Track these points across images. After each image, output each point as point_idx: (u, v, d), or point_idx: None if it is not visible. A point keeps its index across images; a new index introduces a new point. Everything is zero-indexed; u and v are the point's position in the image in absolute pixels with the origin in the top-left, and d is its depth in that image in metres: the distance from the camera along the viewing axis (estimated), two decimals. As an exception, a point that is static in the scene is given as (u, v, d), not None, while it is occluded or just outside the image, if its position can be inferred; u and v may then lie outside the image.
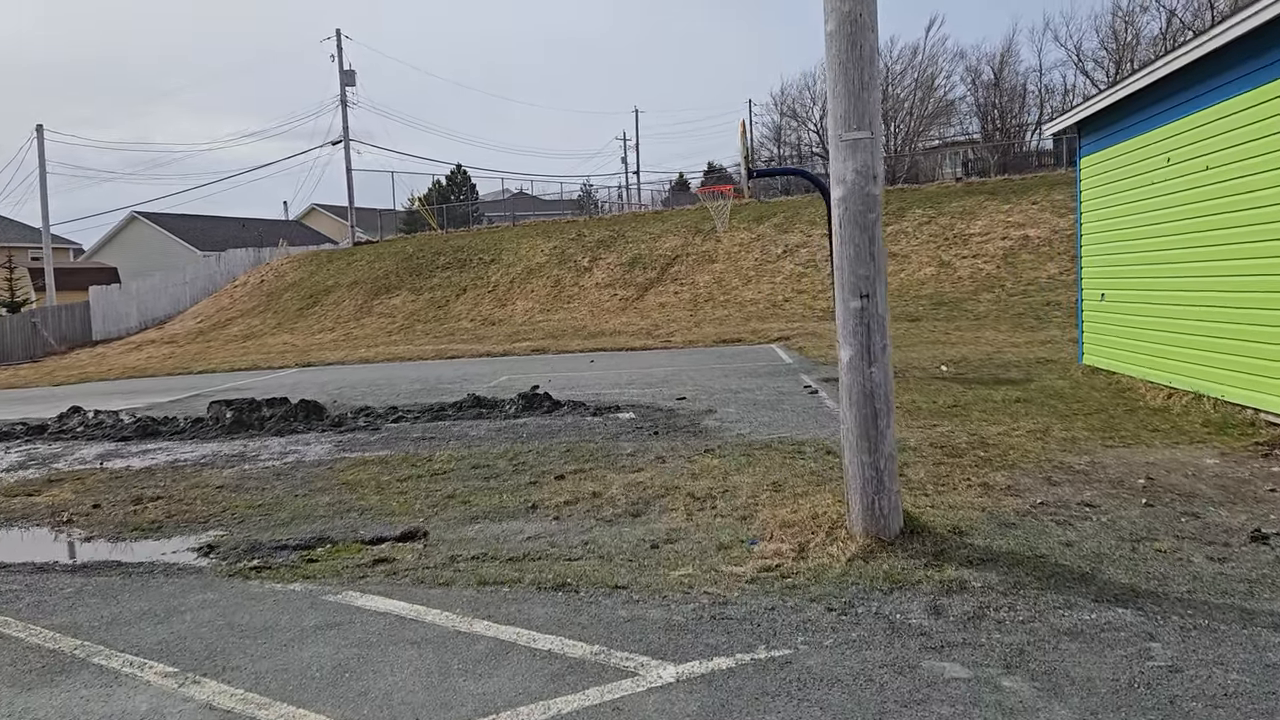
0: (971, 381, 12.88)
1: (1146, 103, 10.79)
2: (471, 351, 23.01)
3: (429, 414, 12.32)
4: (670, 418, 11.20)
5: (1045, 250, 27.47)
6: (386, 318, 34.25)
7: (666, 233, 35.77)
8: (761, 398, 12.48)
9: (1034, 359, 15.02)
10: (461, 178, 73.74)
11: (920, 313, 23.61)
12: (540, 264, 35.82)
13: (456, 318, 32.71)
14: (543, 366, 19.05)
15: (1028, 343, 17.13)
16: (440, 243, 40.86)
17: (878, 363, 5.86)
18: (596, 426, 10.87)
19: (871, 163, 5.73)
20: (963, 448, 8.31)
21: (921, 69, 62.51)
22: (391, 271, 38.64)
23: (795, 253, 31.58)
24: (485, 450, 9.78)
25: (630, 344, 22.22)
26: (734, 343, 21.42)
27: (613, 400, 13.01)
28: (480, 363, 20.91)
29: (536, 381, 16.04)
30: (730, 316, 26.52)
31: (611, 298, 31.79)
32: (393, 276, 38.15)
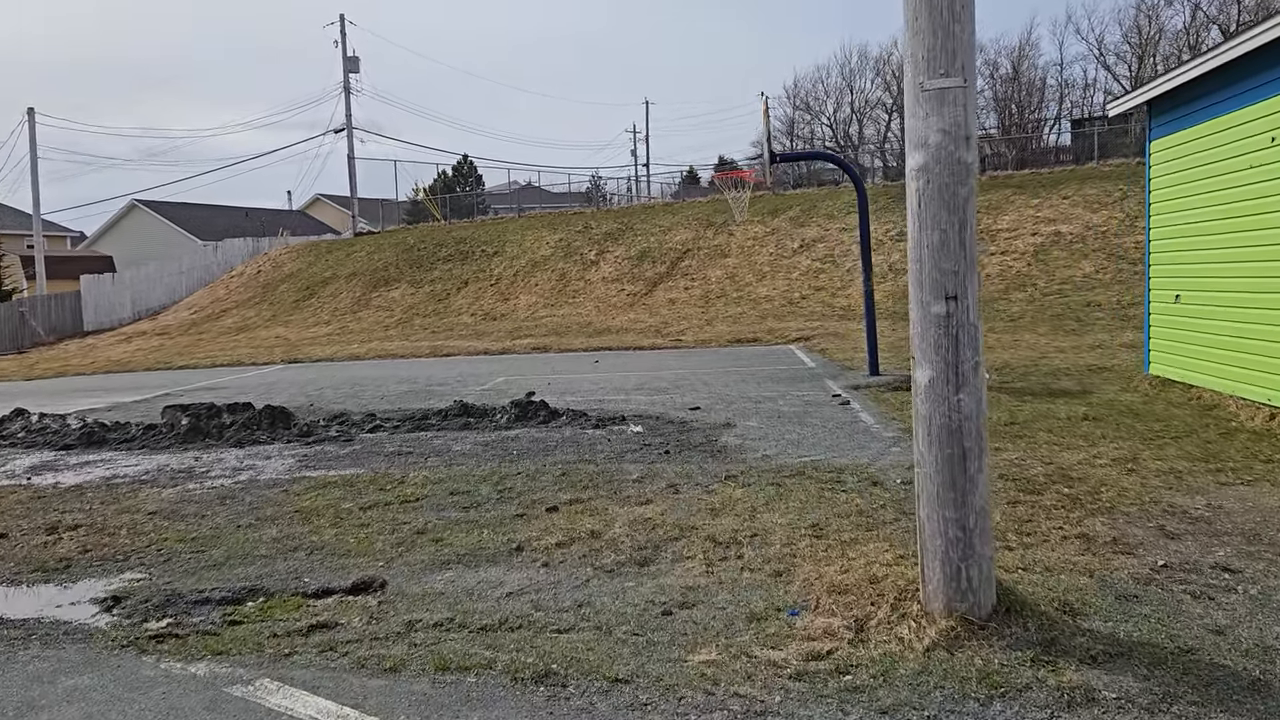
0: (1023, 393, 11.43)
1: (1240, 75, 9.32)
2: (469, 349, 21.62)
3: (410, 423, 10.92)
4: (683, 433, 9.78)
5: (1079, 247, 25.96)
6: (384, 311, 32.89)
7: (677, 225, 34.33)
8: (786, 409, 11.05)
9: (1085, 366, 13.56)
10: (468, 168, 72.47)
11: (948, 312, 22.18)
12: (545, 257, 34.41)
13: (457, 312, 31.32)
14: (543, 367, 17.64)
15: (1074, 348, 15.66)
16: (442, 234, 39.49)
17: (967, 387, 4.44)
18: (598, 442, 9.46)
19: (964, 119, 4.31)
20: (1040, 481, 6.87)
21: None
22: (391, 263, 37.28)
23: (812, 247, 30.11)
24: (468, 471, 8.38)
25: (638, 343, 20.81)
26: (749, 343, 19.98)
27: (617, 409, 11.61)
28: (477, 361, 19.52)
29: (535, 384, 14.65)
30: (744, 314, 25.08)
31: (619, 293, 30.37)
32: (392, 268, 36.78)
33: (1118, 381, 11.86)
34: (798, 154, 14.23)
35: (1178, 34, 54.34)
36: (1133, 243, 25.44)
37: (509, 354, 20.64)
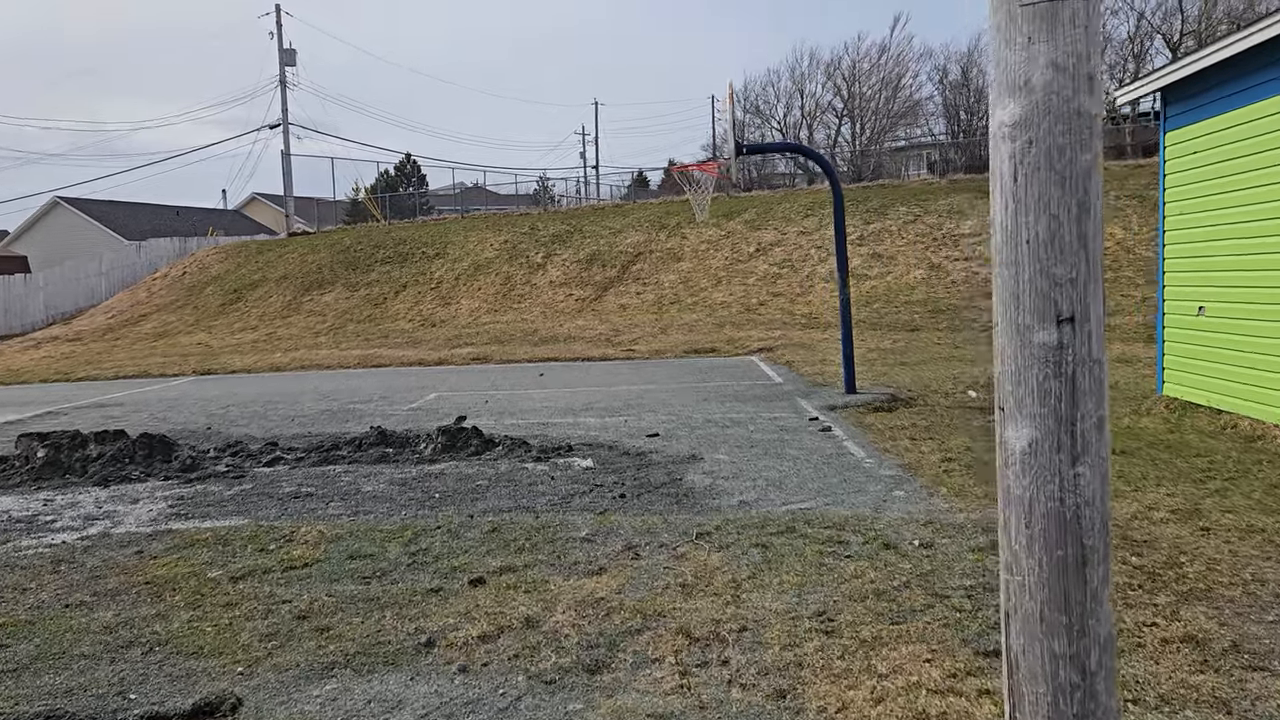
0: (1023, 416, 10.08)
1: (1273, 58, 8.06)
2: (402, 359, 19.85)
3: (316, 454, 9.23)
4: (641, 468, 8.24)
5: (1045, 253, 24.92)
6: (316, 316, 30.87)
7: (628, 228, 32.81)
8: (758, 436, 9.56)
9: (1081, 383, 12.29)
10: (411, 168, 70.39)
11: (917, 321, 20.90)
12: (489, 259, 32.66)
13: (394, 317, 29.45)
14: (482, 381, 15.99)
15: (1061, 361, 14.43)
16: (381, 235, 37.51)
17: (1089, 455, 2.93)
18: (540, 481, 7.87)
19: (1084, 49, 2.82)
20: (1097, 545, 5.45)
21: (888, 68, 60.58)
22: (325, 265, 35.22)
23: (769, 251, 28.79)
24: (376, 523, 6.75)
25: (587, 352, 19.23)
26: (708, 353, 18.51)
27: (564, 435, 10.03)
28: (410, 374, 17.79)
29: (472, 401, 13.01)
30: (700, 322, 23.64)
31: (567, 298, 28.76)
32: (326, 270, 34.73)
33: (1126, 403, 10.56)
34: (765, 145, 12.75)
35: (1122, 43, 54.52)
36: (1101, 249, 24.48)
37: (446, 365, 18.92)
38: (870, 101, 61.05)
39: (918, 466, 7.72)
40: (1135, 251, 23.82)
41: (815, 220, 29.99)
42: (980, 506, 6.32)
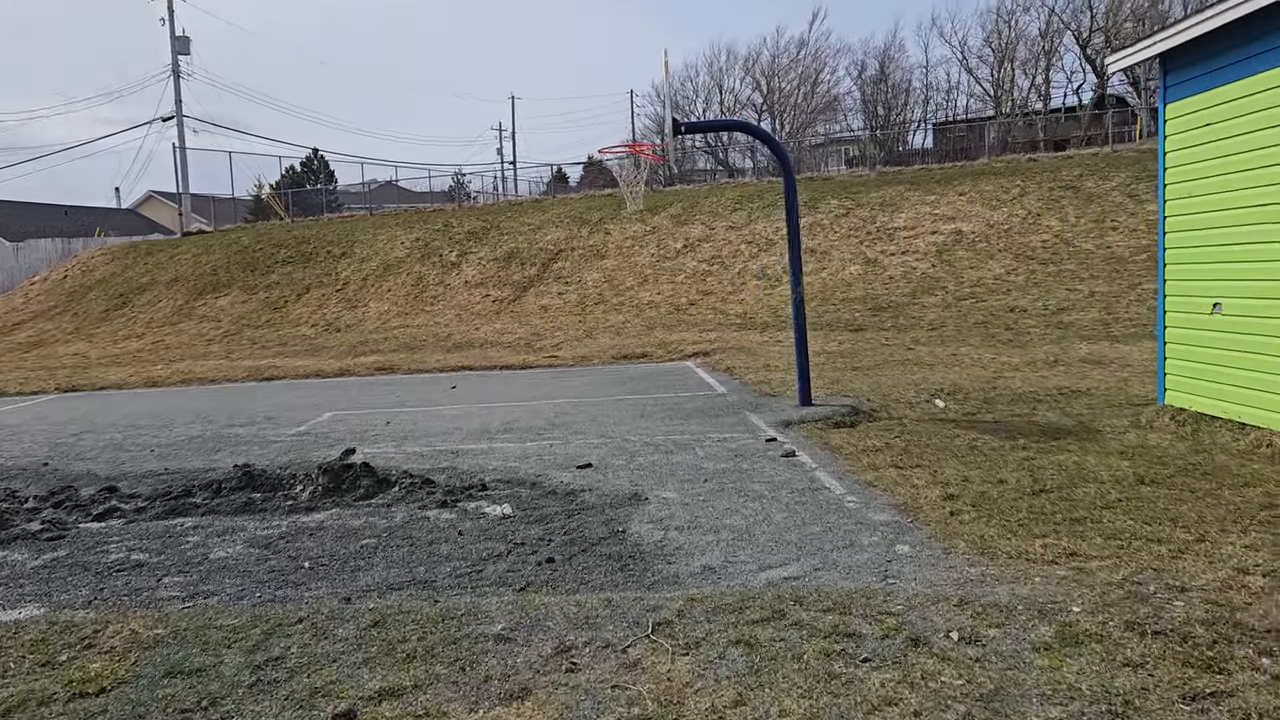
0: (1008, 431, 8.74)
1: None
2: (299, 370, 17.82)
3: (164, 502, 7.37)
4: (573, 515, 6.60)
5: (982, 246, 24.03)
6: (210, 322, 28.43)
7: (548, 224, 31.07)
8: (711, 464, 8.01)
9: (1057, 390, 11.05)
10: (319, 164, 67.42)
11: (860, 320, 19.64)
12: (400, 259, 30.59)
13: (295, 322, 27.21)
14: (386, 395, 14.15)
15: (1027, 364, 13.20)
16: (282, 234, 35.05)
17: None
18: (444, 538, 6.19)
19: None
20: (1202, 638, 4.00)
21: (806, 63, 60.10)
22: (221, 266, 32.67)
23: (697, 248, 27.37)
24: (216, 614, 4.98)
25: (506, 360, 17.48)
26: (638, 359, 16.94)
27: (477, 467, 8.34)
28: (305, 388, 15.82)
29: (373, 421, 11.22)
30: (628, 323, 22.06)
31: (483, 299, 26.90)
32: (222, 272, 32.20)
33: (1121, 414, 9.31)
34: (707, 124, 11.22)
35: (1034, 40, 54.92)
36: (1039, 241, 23.71)
37: (347, 376, 16.97)
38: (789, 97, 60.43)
39: (916, 507, 6.25)
40: (1075, 244, 23.02)
41: (744, 214, 28.69)
42: (1018, 570, 4.87)
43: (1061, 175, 27.44)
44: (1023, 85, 56.50)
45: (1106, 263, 21.67)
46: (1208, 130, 8.24)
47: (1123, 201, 24.91)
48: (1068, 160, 29.74)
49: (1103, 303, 18.28)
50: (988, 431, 8.86)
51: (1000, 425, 9.18)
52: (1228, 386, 8.01)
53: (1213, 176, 8.19)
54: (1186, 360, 8.64)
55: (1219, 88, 8.06)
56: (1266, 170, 7.50)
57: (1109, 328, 16.32)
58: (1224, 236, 8.04)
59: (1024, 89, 56.70)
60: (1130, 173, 26.54)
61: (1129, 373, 11.95)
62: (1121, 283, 19.89)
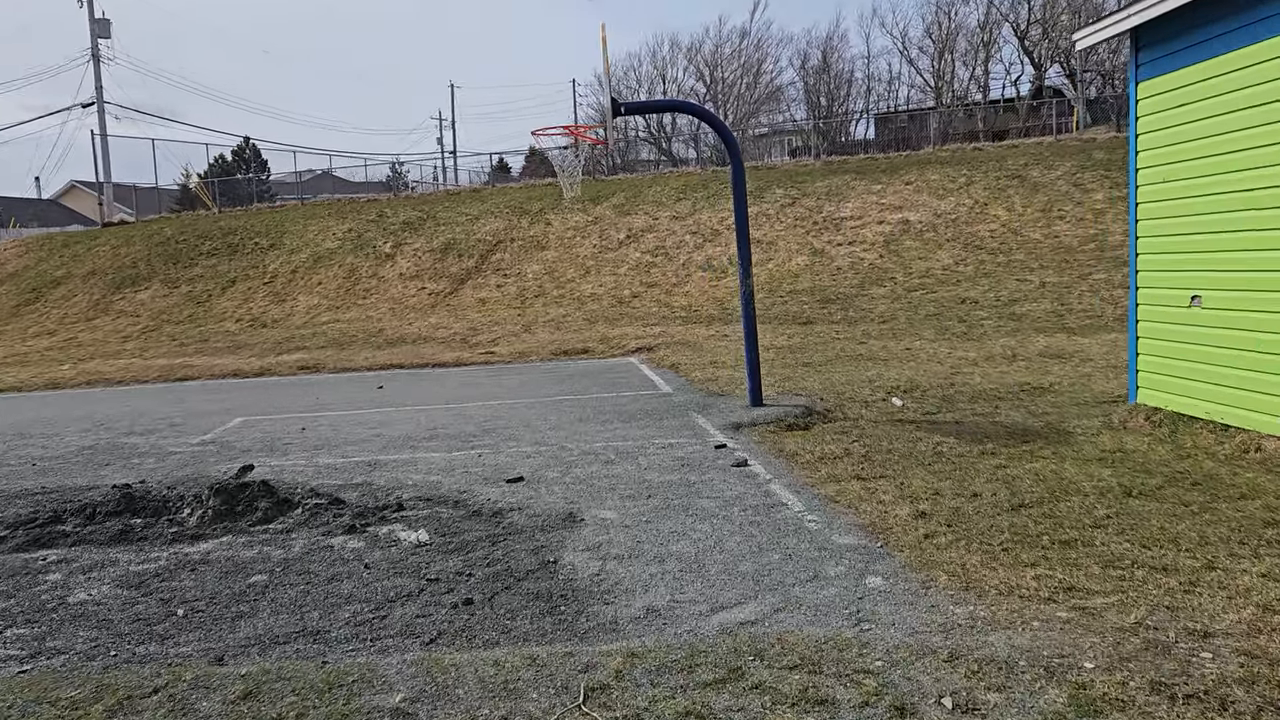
0: (973, 434, 8.12)
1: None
2: (217, 369, 16.69)
3: (27, 531, 6.40)
4: (498, 542, 5.80)
5: (930, 236, 23.62)
6: (128, 318, 26.97)
7: (486, 214, 30.07)
8: (655, 476, 7.25)
9: (1019, 387, 10.50)
10: (250, 153, 65.35)
11: (808, 312, 19.04)
12: (331, 250, 29.36)
13: (219, 317, 25.89)
14: (305, 397, 13.17)
15: (985, 359, 12.65)
16: (208, 224, 33.53)
17: None
18: (346, 573, 5.35)
19: None
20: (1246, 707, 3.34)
21: (749, 53, 59.86)
22: (142, 259, 31.10)
23: (641, 238, 26.61)
24: (51, 685, 4.09)
25: (439, 356, 16.54)
26: (579, 354, 16.13)
27: (395, 482, 7.48)
28: (220, 390, 14.75)
29: (288, 427, 10.27)
30: (569, 317, 21.22)
31: (419, 292, 25.85)
32: (143, 265, 30.65)
33: (1090, 414, 8.76)
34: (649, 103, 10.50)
35: (973, 31, 55.23)
36: (986, 231, 23.36)
37: (267, 376, 15.91)
38: (733, 87, 60.21)
39: (885, 528, 5.56)
40: (1023, 233, 22.71)
41: (688, 204, 27.99)
42: (1012, 611, 4.18)
43: (1007, 164, 27.17)
44: (963, 76, 56.82)
45: (1055, 253, 21.37)
46: (1184, 110, 7.67)
47: (1069, 190, 24.68)
48: (1013, 149, 29.53)
49: (1054, 293, 17.91)
50: (951, 434, 8.24)
51: (964, 427, 8.56)
52: (1207, 385, 7.47)
53: (1190, 160, 7.64)
54: (1161, 357, 8.09)
55: (1196, 64, 7.50)
56: (1250, 153, 6.95)
57: (1063, 319, 15.91)
58: (1203, 224, 7.48)
59: (964, 80, 57.05)
60: (1075, 162, 26.35)
61: (1091, 368, 11.45)
62: (1071, 273, 19.56)
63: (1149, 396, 8.28)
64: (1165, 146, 7.93)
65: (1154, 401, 8.18)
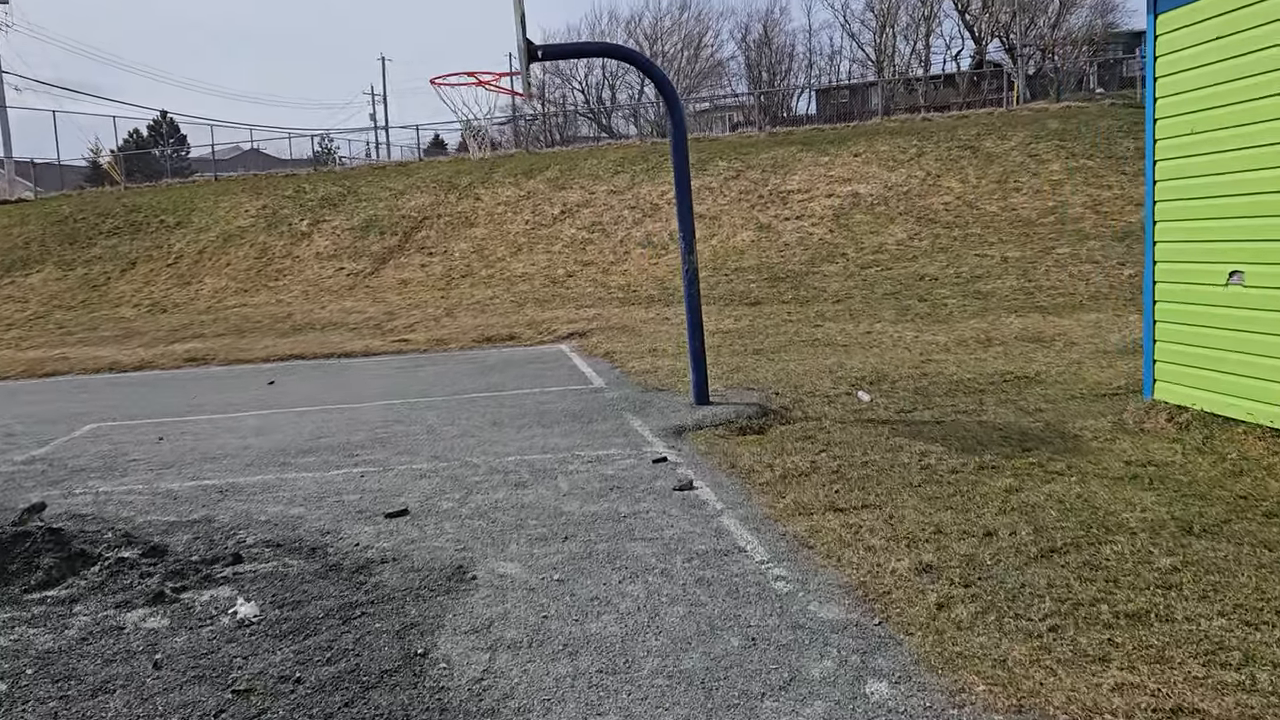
0: (962, 438, 6.72)
1: None
2: (92, 362, 14.71)
3: None
4: (352, 619, 4.21)
5: (882, 210, 22.32)
6: (15, 304, 24.60)
7: (412, 188, 28.14)
8: (576, 508, 5.70)
9: (1002, 377, 9.15)
10: (168, 128, 62.16)
11: (756, 292, 17.59)
12: (242, 228, 27.21)
13: (115, 302, 23.69)
14: (180, 398, 11.39)
15: (957, 344, 11.30)
16: (110, 202, 31.04)
17: None
18: (120, 681, 3.71)
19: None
20: None
21: (689, 26, 58.52)
22: (35, 239, 28.62)
23: (576, 213, 24.95)
24: None
25: (347, 345, 14.78)
26: (504, 342, 14.50)
27: (243, 518, 5.83)
28: (86, 388, 12.87)
29: (144, 435, 8.51)
30: (497, 299, 19.52)
31: (336, 273, 23.91)
32: (35, 246, 28.19)
33: (1094, 411, 7.42)
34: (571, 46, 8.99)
35: (914, 5, 54.46)
36: (940, 204, 22.14)
37: (148, 369, 14.01)
38: (673, 61, 58.88)
39: (881, 591, 4.09)
40: (979, 206, 21.52)
41: (626, 178, 26.38)
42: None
43: (958, 135, 25.99)
44: (904, 51, 56.03)
45: (1013, 226, 20.21)
46: (1216, 46, 6.29)
47: (1024, 161, 23.57)
48: (963, 120, 28.38)
49: (1018, 269, 16.69)
50: (936, 439, 6.83)
51: (949, 429, 7.17)
52: (1251, 380, 6.14)
53: (1224, 106, 6.27)
54: (1186, 345, 6.75)
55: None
56: None
57: (1032, 297, 14.67)
58: (1243, 184, 6.12)
59: (905, 55, 56.28)
60: (1029, 132, 25.27)
61: (1078, 353, 10.15)
62: (1033, 247, 18.39)
63: (1169, 392, 6.95)
64: (1192, 91, 6.55)
65: (1175, 398, 6.85)
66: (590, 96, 62.13)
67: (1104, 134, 24.53)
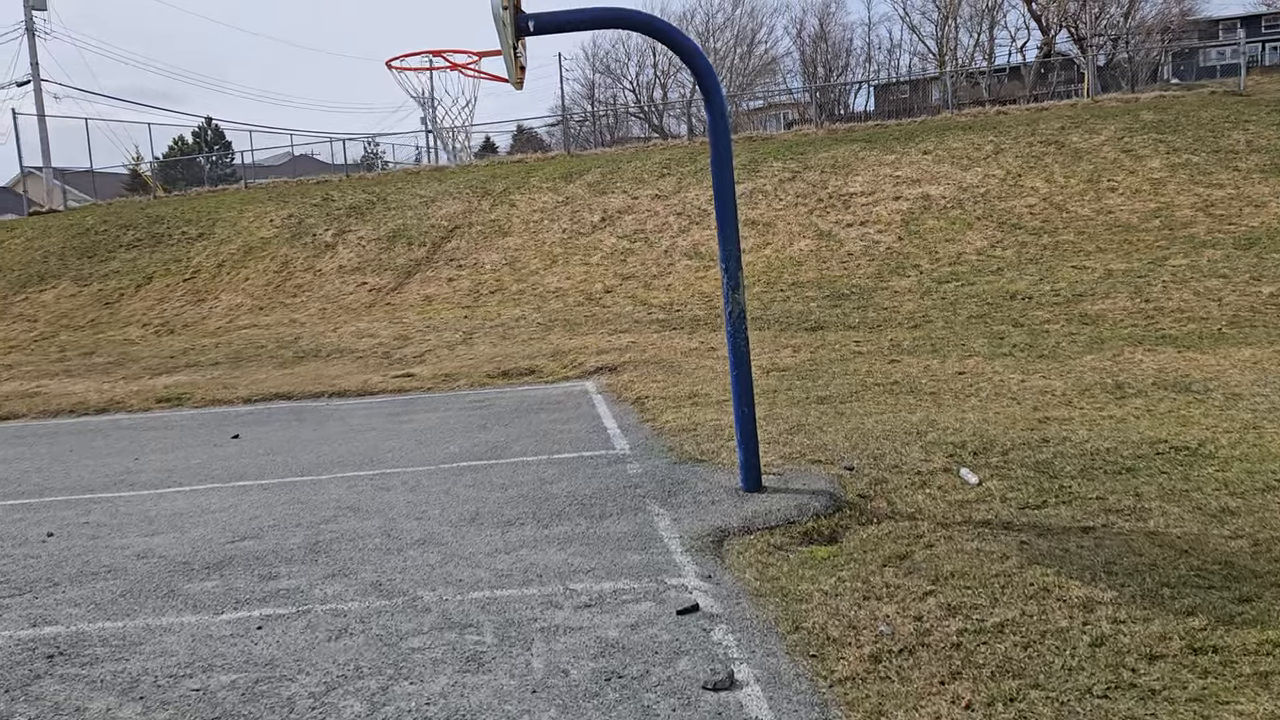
0: (1140, 579, 4.48)
1: None
2: (57, 403, 12.91)
3: None
4: None
5: (957, 214, 19.89)
6: (25, 323, 23.24)
7: (444, 195, 26.31)
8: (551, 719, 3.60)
9: (1154, 447, 6.83)
10: (213, 135, 61.48)
11: (817, 313, 15.30)
12: (265, 239, 25.60)
13: (125, 321, 22.16)
14: (116, 458, 9.50)
15: (1077, 392, 8.92)
16: (134, 212, 29.73)
17: None
18: None
19: None
20: None
21: (742, 22, 56.47)
22: (55, 253, 27.36)
23: (617, 221, 22.87)
24: None
25: (343, 381, 12.81)
26: (521, 377, 12.44)
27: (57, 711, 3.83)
28: (23, 439, 11.09)
29: (32, 530, 6.56)
30: (524, 321, 17.49)
31: (357, 288, 22.11)
32: (54, 259, 26.91)
33: (1328, 523, 5.11)
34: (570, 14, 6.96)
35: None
36: (1024, 206, 19.63)
37: (112, 412, 12.16)
38: (725, 59, 56.96)
39: None
40: (1069, 209, 18.98)
41: (672, 181, 24.24)
42: None
43: (1039, 129, 23.40)
44: (966, 43, 53.23)
45: (1111, 231, 17.66)
46: None
47: (1117, 158, 20.95)
48: (1043, 112, 25.75)
49: (1128, 285, 14.18)
50: (1096, 571, 4.63)
51: (1106, 547, 4.96)
52: None
53: None
54: None
55: None
56: None
57: (1154, 323, 12.20)
58: None
59: (968, 47, 53.48)
60: (1120, 124, 22.63)
61: (1248, 410, 7.75)
62: (1140, 258, 15.85)
63: None
64: None
65: None
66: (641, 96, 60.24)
67: (1208, 126, 21.81)
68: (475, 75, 6.38)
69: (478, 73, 6.31)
